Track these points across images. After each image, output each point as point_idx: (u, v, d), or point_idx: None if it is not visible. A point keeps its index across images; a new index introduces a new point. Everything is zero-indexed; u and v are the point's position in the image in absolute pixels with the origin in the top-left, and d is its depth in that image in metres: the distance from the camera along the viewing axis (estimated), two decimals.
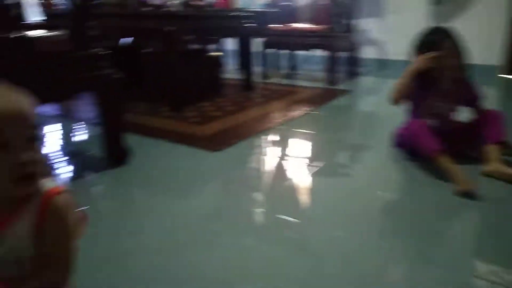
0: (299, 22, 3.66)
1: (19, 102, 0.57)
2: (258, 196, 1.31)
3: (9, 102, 0.56)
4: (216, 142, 1.84)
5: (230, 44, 4.60)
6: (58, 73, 1.31)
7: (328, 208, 1.23)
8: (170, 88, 2.41)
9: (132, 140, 1.63)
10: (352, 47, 3.69)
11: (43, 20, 2.88)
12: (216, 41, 3.92)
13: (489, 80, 3.44)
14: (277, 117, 2.31)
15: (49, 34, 1.33)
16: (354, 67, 3.77)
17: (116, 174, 1.50)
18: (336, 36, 3.30)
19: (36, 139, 0.58)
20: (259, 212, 1.20)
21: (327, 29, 3.30)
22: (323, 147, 1.88)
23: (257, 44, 3.48)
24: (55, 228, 0.60)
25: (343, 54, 3.55)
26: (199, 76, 2.72)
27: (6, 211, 0.58)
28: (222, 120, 2.25)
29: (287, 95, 2.99)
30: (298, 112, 2.43)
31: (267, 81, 3.57)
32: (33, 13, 2.96)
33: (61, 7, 2.96)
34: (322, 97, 2.92)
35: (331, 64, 3.32)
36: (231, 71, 3.82)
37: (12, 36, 1.22)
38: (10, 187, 0.56)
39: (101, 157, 1.57)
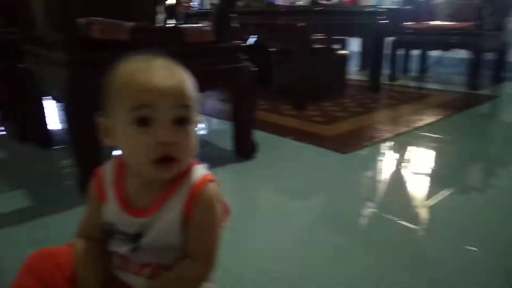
0: (435, 20, 3.31)
1: (175, 78, 0.52)
2: (384, 204, 1.17)
3: (162, 76, 0.51)
4: (342, 144, 1.73)
5: (352, 45, 4.41)
6: (202, 63, 1.33)
7: (455, 220, 1.03)
8: (295, 86, 2.36)
9: (257, 135, 1.61)
10: (502, 48, 3.20)
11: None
12: (341, 42, 3.78)
13: None
14: (408, 121, 2.10)
15: (195, 25, 1.37)
16: (501, 71, 3.27)
17: (243, 168, 1.49)
18: (483, 34, 2.88)
19: (187, 121, 0.52)
20: (381, 220, 1.06)
21: (472, 26, 2.91)
22: (458, 158, 1.64)
23: (386, 43, 3.24)
24: (202, 219, 0.55)
25: (488, 56, 3.10)
26: (325, 75, 2.63)
27: (156, 194, 0.55)
28: (347, 121, 2.12)
29: (418, 98, 2.72)
30: (432, 117, 2.18)
31: (394, 83, 3.31)
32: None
33: (194, 8, 3.16)
34: (460, 103, 2.58)
35: (475, 66, 2.92)
36: (352, 72, 3.65)
37: (163, 26, 1.28)
38: (149, 168, 0.51)
39: (229, 151, 1.58)
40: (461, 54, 3.35)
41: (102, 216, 0.59)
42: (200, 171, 0.58)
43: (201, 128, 2.12)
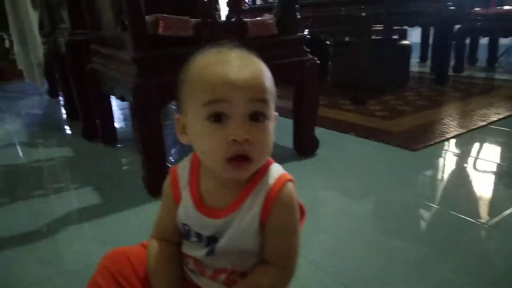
0: (507, 4, 3.05)
1: (250, 70, 0.47)
2: (457, 207, 1.06)
3: (236, 68, 0.47)
4: (410, 140, 1.62)
5: (412, 36, 4.19)
6: (266, 57, 1.30)
7: None
8: (354, 79, 2.27)
9: (317, 132, 1.55)
10: None
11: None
12: (400, 32, 3.60)
13: None
14: (480, 115, 1.93)
15: (258, 19, 1.34)
16: None
17: (305, 165, 1.44)
18: None
19: (263, 117, 0.48)
20: (455, 222, 0.96)
21: None
22: None
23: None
24: (282, 221, 0.51)
25: None
26: (385, 67, 2.50)
27: (232, 194, 0.52)
28: (413, 116, 2.00)
29: (489, 90, 2.51)
30: (507, 111, 1.99)
31: (461, 74, 3.09)
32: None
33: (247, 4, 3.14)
34: None
35: None
36: (412, 64, 3.46)
37: (227, 20, 1.26)
38: (223, 167, 0.47)
39: (290, 147, 1.54)
40: None
41: (177, 216, 0.56)
42: (277, 170, 0.54)
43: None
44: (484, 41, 3.45)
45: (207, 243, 0.53)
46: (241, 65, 0.48)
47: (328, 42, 2.96)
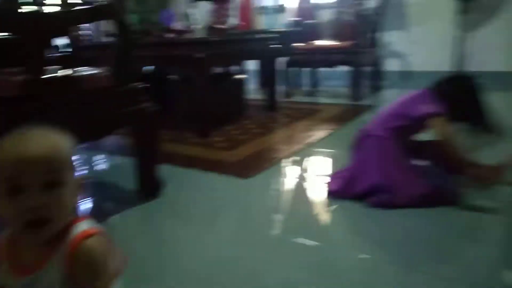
0: (322, 40, 3.68)
1: (42, 146, 0.58)
2: (287, 223, 1.32)
3: (28, 147, 0.58)
4: (245, 168, 1.86)
5: (251, 63, 4.66)
6: (100, 110, 1.36)
7: (350, 231, 1.23)
8: (197, 113, 2.46)
9: (162, 170, 1.65)
10: (376, 61, 3.68)
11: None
12: (239, 63, 3.98)
13: None
14: (304, 138, 2.32)
15: (92, 72, 1.39)
16: (377, 81, 3.75)
17: (148, 207, 1.51)
18: (361, 52, 3.30)
19: (58, 185, 0.59)
20: (284, 238, 1.21)
21: (351, 45, 3.30)
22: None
23: (279, 62, 3.52)
24: (83, 273, 0.60)
25: (366, 69, 3.54)
26: (225, 100, 2.77)
27: (38, 253, 0.61)
28: (249, 144, 2.27)
29: (311, 113, 3.00)
30: (324, 131, 2.44)
31: (290, 99, 3.60)
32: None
33: (87, 39, 3.08)
34: (346, 114, 2.92)
35: (355, 80, 3.33)
36: (253, 90, 3.86)
37: (57, 76, 1.28)
38: (23, 231, 0.58)
39: (134, 190, 1.60)
40: (345, 68, 3.77)
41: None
42: (81, 226, 0.64)
43: (104, 168, 2.10)
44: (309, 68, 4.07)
45: None
46: (35, 143, 0.59)
47: (173, 77, 3.11)
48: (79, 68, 1.48)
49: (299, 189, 1.64)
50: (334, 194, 1.51)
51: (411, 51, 4.22)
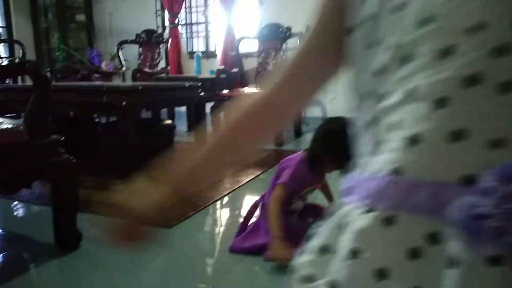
0: (248, 86, 3.89)
1: None
2: (203, 274, 1.37)
3: None
4: (168, 217, 1.88)
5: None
6: (15, 164, 1.33)
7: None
8: (122, 159, 2.44)
9: (82, 219, 1.61)
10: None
11: None
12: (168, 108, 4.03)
13: None
14: (229, 183, 2.41)
15: (6, 127, 1.36)
16: (299, 126, 4.01)
17: (67, 260, 1.48)
18: None
19: None
20: None
21: None
22: None
23: (208, 107, 3.64)
24: None
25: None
26: (152, 145, 2.78)
27: None
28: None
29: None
30: (249, 176, 2.55)
31: None
32: None
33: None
34: (270, 159, 3.07)
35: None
36: (182, 133, 3.91)
37: None
38: None
39: (52, 243, 1.55)
40: None
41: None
42: None
43: (16, 221, 1.99)
44: None
45: None
46: None
47: (99, 120, 3.07)
48: None
49: (217, 239, 1.70)
50: (238, 250, 1.53)
51: (329, 98, 4.60)
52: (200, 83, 3.17)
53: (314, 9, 0.44)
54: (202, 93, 3.05)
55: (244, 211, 2.03)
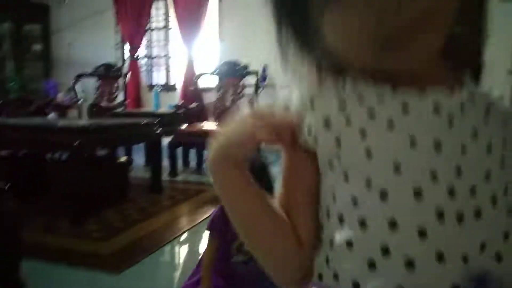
0: (208, 121, 3.92)
1: None
2: None
3: None
4: (119, 261, 1.84)
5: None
6: None
7: None
8: (72, 199, 2.38)
9: (27, 266, 1.54)
10: None
11: None
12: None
13: None
14: (185, 222, 2.39)
15: None
16: (256, 160, 4.07)
17: None
18: None
19: None
20: None
21: None
22: None
23: (165, 142, 3.63)
24: None
25: None
26: (105, 183, 2.73)
27: None
28: (127, 232, 2.25)
29: (195, 195, 3.09)
30: (206, 214, 2.54)
31: (176, 179, 3.67)
32: None
33: None
34: None
35: None
36: (140, 168, 3.86)
37: None
38: None
39: None
40: None
41: None
42: None
43: None
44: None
45: None
46: None
47: (50, 157, 2.98)
48: None
49: (172, 285, 1.68)
50: None
51: None
52: (158, 119, 3.17)
53: (271, 49, 0.44)
54: (159, 130, 3.05)
55: (202, 251, 2.02)
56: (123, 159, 3.08)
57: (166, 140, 3.68)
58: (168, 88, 5.38)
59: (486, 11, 0.41)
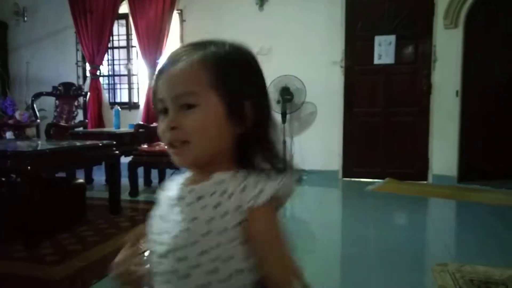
0: None
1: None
2: None
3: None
4: (70, 286, 1.85)
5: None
6: None
7: None
8: (24, 222, 2.35)
9: None
10: None
11: None
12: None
13: (331, 182, 4.25)
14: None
15: None
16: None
17: None
18: None
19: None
20: None
21: None
22: None
23: (128, 160, 3.63)
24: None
25: None
26: (60, 206, 2.71)
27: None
28: (82, 255, 2.25)
29: None
30: None
31: (137, 198, 3.67)
32: None
33: None
34: None
35: None
36: (101, 187, 3.83)
37: None
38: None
39: None
40: None
41: None
42: None
43: None
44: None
45: None
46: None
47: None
48: None
49: None
50: None
51: None
52: (117, 140, 3.19)
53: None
54: (117, 151, 3.06)
55: None
56: (80, 180, 3.06)
57: (128, 159, 3.68)
58: (131, 106, 5.37)
59: None
